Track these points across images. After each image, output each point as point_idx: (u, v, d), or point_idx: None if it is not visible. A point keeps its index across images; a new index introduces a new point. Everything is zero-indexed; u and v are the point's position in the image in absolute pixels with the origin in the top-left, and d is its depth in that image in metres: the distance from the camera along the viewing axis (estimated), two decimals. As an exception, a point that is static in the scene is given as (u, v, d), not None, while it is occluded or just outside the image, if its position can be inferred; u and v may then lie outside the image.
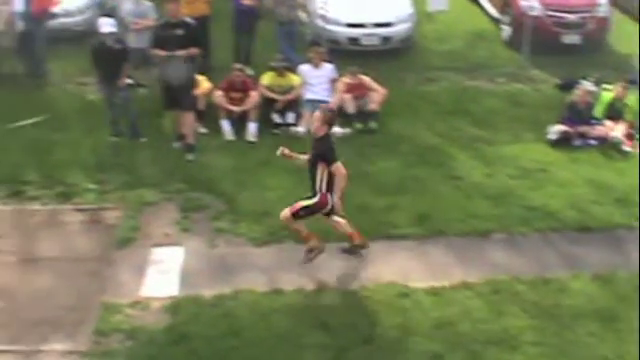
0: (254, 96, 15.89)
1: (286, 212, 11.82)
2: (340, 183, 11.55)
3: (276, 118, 16.08)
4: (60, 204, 13.61)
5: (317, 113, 11.75)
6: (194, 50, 14.64)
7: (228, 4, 18.64)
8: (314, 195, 11.68)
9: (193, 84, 15.17)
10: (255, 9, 18.27)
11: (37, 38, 18.34)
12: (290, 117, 16.09)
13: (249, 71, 16.98)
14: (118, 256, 12.47)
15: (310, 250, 12.10)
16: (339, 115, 15.74)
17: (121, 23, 17.15)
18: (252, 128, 15.65)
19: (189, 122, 14.95)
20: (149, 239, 12.78)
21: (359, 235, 12.33)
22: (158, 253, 12.45)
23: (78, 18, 20.34)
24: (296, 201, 11.84)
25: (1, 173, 14.50)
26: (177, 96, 14.73)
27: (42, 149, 15.13)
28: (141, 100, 16.36)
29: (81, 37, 19.20)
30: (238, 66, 16.28)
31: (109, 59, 15.13)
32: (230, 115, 15.79)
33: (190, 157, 14.81)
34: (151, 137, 15.58)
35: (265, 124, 15.97)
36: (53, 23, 18.95)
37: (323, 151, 11.55)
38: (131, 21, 17.44)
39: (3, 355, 10.71)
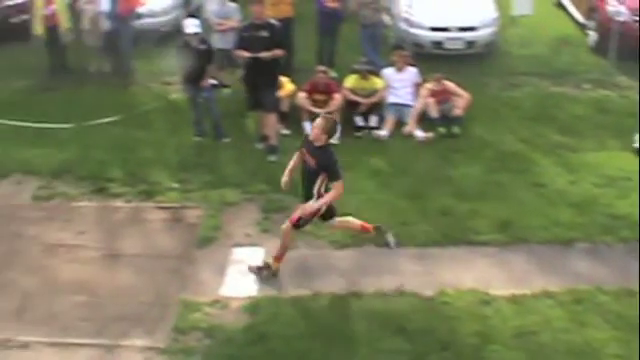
0: (337, 99, 15.87)
1: (287, 225, 11.71)
2: (333, 196, 11.33)
3: (359, 121, 16.03)
4: (143, 202, 13.77)
5: (318, 120, 11.39)
6: (278, 52, 14.67)
7: (312, 6, 18.67)
8: (306, 199, 11.53)
9: (277, 86, 15.24)
10: (339, 11, 18.26)
11: (123, 38, 18.63)
12: (373, 120, 16.03)
13: (332, 73, 16.98)
14: (199, 255, 12.56)
15: (267, 267, 11.99)
16: (423, 119, 15.77)
17: (206, 24, 17.28)
18: (335, 131, 15.65)
19: (272, 123, 14.99)
20: (230, 239, 12.84)
21: (368, 225, 12.31)
22: (238, 253, 12.50)
23: (163, 18, 20.64)
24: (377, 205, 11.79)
25: (86, 169, 14.75)
26: (261, 97, 14.79)
27: (126, 147, 15.32)
28: (225, 101, 16.48)
29: (166, 37, 19.46)
30: (322, 68, 16.27)
31: (193, 59, 15.26)
32: (313, 117, 15.66)
33: (272, 158, 14.83)
34: (234, 137, 15.68)
35: (348, 127, 15.88)
36: (139, 23, 19.24)
37: (327, 165, 11.26)
38: (216, 22, 17.51)
39: (85, 348, 10.88)
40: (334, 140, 15.17)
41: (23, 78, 19.01)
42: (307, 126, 15.58)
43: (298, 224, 11.63)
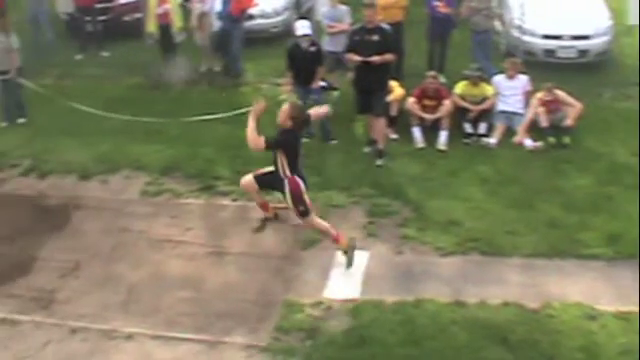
0: (447, 105, 15.76)
1: (303, 222, 12.12)
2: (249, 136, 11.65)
3: (468, 128, 15.88)
4: (249, 201, 13.83)
5: (286, 106, 11.70)
6: (389, 56, 14.61)
7: (423, 11, 18.59)
8: (281, 182, 11.72)
9: (386, 90, 15.20)
10: (450, 17, 18.15)
11: (234, 38, 18.80)
12: (482, 128, 15.86)
13: (442, 79, 16.88)
14: (303, 256, 12.61)
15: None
16: (533, 128, 15.54)
17: (316, 26, 17.33)
18: (443, 137, 15.53)
19: (380, 127, 14.94)
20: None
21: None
22: (343, 256, 12.48)
23: (274, 20, 20.84)
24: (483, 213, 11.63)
25: (194, 167, 14.97)
26: (370, 101, 14.76)
27: (234, 146, 15.45)
28: (334, 103, 16.48)
29: (277, 39, 19.59)
30: (432, 74, 16.19)
31: (304, 61, 15.34)
32: (422, 122, 15.72)
33: (380, 162, 14.81)
34: (342, 140, 15.73)
35: (456, 133, 15.78)
36: (250, 24, 19.41)
37: (277, 140, 11.63)
38: (327, 24, 17.54)
39: (188, 343, 11.03)
40: (441, 146, 15.22)
41: (135, 75, 19.39)
42: (416, 131, 15.52)
43: (305, 213, 11.91)
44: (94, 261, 12.90)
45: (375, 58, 14.42)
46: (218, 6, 18.97)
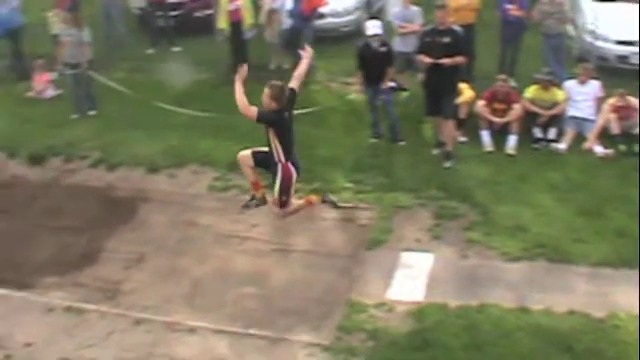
0: (517, 109, 15.59)
1: (279, 212, 11.27)
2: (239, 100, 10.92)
3: (537, 133, 15.67)
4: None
5: (265, 89, 10.97)
6: (459, 59, 14.49)
7: (494, 13, 18.42)
8: (275, 165, 11.01)
9: (456, 92, 15.12)
10: (523, 20, 17.95)
11: (304, 36, 18.79)
12: (552, 133, 15.65)
13: (513, 83, 16.71)
14: (368, 256, 12.61)
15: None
16: (603, 135, 15.33)
17: (387, 26, 17.28)
18: (512, 141, 15.36)
19: (449, 130, 14.85)
20: (400, 243, 12.83)
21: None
22: (407, 257, 12.47)
23: (345, 19, 20.76)
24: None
25: (267, 164, 15.00)
26: (439, 103, 14.67)
27: (302, 144, 15.30)
28: (402, 104, 16.46)
29: (347, 38, 19.59)
30: (502, 77, 16.02)
31: (374, 61, 15.31)
32: (491, 126, 15.58)
33: (448, 164, 14.72)
34: (410, 141, 15.63)
35: (526, 138, 15.55)
36: (320, 22, 19.41)
37: (273, 121, 10.94)
38: (397, 25, 17.47)
39: (250, 338, 11.15)
40: (510, 150, 15.08)
41: (205, 71, 19.48)
42: (485, 135, 15.40)
43: (285, 203, 11.15)
44: (159, 254, 13.07)
45: (445, 60, 14.32)
46: (289, 4, 19.01)
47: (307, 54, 11.39)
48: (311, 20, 18.87)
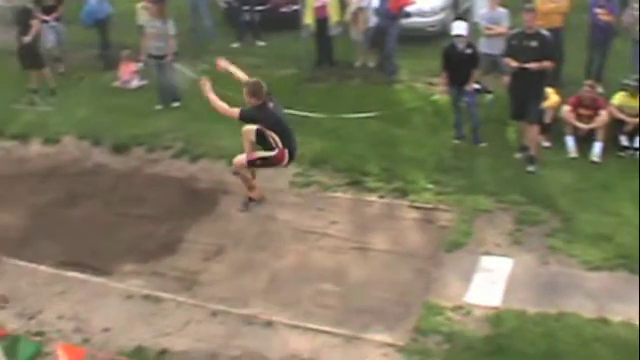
0: (603, 115, 15.32)
1: (242, 158, 11.43)
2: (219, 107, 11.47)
3: (623, 141, 15.37)
4: (396, 199, 13.85)
5: (244, 89, 11.31)
6: (547, 63, 14.30)
7: (582, 17, 18.17)
8: (272, 148, 11.17)
9: (542, 97, 14.93)
10: (612, 25, 17.67)
11: (390, 35, 18.77)
12: (638, 141, 15.41)
13: (600, 89, 16.45)
14: (446, 258, 12.51)
15: (250, 200, 11.95)
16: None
17: (474, 27, 17.17)
18: (597, 148, 15.09)
19: (533, 134, 14.67)
20: (479, 246, 12.69)
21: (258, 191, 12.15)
22: (487, 261, 12.33)
23: (431, 19, 20.68)
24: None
25: (344, 161, 15.05)
26: (524, 107, 14.50)
27: (384, 143, 15.48)
28: (486, 106, 16.33)
29: (433, 38, 19.51)
30: (589, 82, 15.78)
31: (459, 62, 15.23)
32: (576, 132, 15.35)
33: (531, 169, 14.52)
34: (493, 144, 15.49)
35: (611, 146, 15.26)
36: (406, 22, 19.34)
37: (259, 118, 11.14)
38: (484, 26, 17.34)
39: (324, 335, 11.13)
40: (594, 157, 14.84)
41: (290, 67, 19.58)
42: (569, 141, 15.19)
43: (254, 163, 11.44)
44: (238, 247, 13.16)
45: (532, 65, 14.17)
46: (376, 2, 18.98)
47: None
48: (397, 19, 18.80)
